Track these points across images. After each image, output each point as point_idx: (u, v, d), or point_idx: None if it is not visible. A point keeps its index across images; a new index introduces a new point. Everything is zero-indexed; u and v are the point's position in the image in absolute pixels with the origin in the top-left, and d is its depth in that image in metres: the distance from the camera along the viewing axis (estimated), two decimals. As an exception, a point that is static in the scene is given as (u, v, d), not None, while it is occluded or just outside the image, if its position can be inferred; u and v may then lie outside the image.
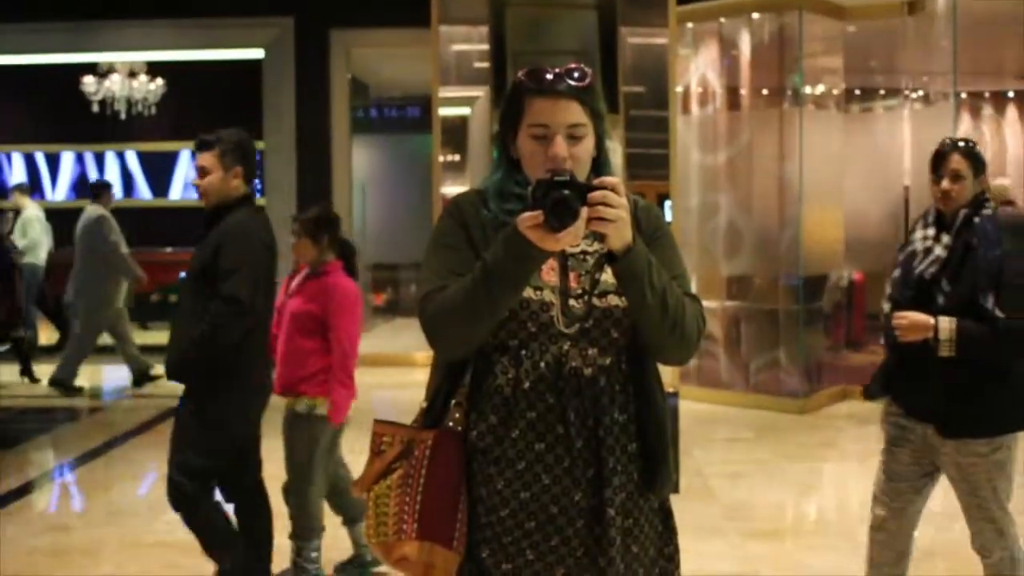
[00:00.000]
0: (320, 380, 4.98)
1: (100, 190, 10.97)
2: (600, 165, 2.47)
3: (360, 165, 14.37)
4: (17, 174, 16.85)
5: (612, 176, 2.34)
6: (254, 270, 4.57)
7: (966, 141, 4.10)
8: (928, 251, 4.00)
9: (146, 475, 7.42)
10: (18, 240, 11.79)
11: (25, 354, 11.10)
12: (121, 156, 17.25)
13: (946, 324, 3.84)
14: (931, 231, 4.03)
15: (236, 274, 4.49)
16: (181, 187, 17.01)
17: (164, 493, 4.59)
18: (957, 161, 4.00)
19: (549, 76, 2.40)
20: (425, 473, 2.46)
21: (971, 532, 4.11)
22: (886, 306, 4.11)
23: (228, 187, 4.69)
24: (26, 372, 11.04)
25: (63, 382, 10.39)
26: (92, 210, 10.61)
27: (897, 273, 4.10)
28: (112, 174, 17.10)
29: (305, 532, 5.10)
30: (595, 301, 2.40)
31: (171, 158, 17.11)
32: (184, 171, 17.03)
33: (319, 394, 4.98)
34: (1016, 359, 3.95)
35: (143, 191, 17.29)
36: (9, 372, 11.07)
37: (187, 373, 4.61)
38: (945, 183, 3.98)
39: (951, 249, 3.92)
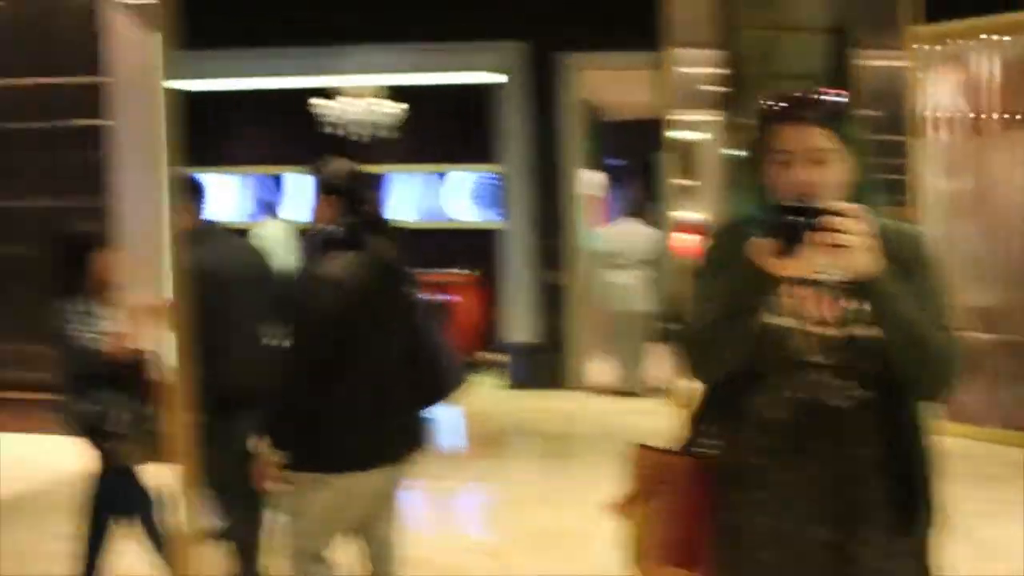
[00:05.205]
0: None
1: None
2: (861, 192, 2.42)
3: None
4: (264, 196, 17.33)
5: (872, 204, 2.30)
6: None
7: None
8: None
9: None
10: None
11: None
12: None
13: None
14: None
15: None
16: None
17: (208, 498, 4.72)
18: None
19: (793, 102, 2.39)
20: (674, 499, 2.49)
21: None
22: None
23: None
24: None
25: None
26: None
27: None
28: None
29: None
30: (839, 330, 2.37)
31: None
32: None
33: None
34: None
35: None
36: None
37: None
38: None
39: None
